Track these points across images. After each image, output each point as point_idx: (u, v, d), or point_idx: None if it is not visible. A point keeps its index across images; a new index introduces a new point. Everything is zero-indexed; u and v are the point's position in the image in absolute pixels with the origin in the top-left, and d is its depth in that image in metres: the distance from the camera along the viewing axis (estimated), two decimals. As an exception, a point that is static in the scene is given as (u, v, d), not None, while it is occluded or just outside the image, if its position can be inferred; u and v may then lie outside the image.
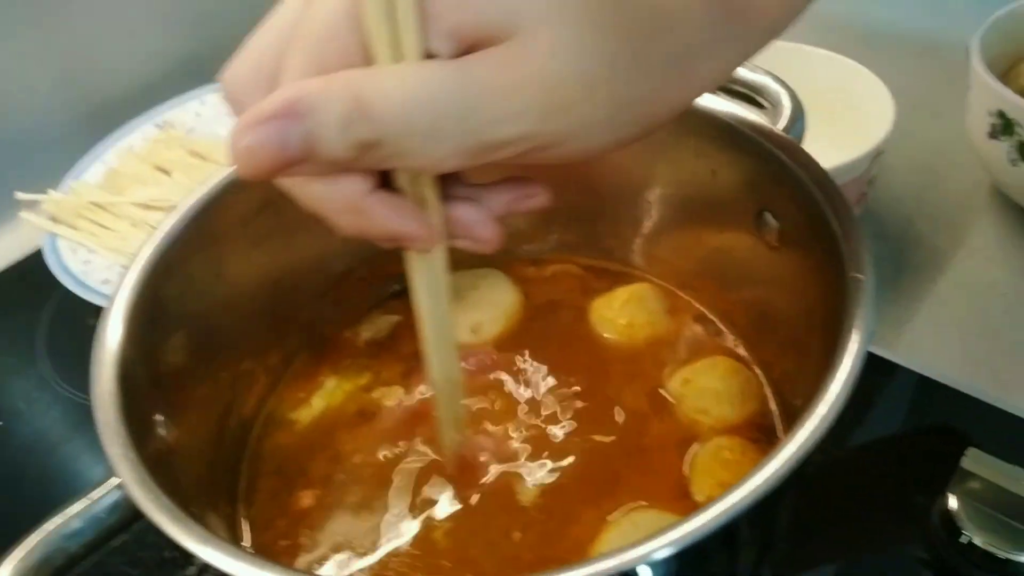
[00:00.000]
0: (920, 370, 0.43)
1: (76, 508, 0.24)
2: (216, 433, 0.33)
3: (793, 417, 0.24)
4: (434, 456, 0.34)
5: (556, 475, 0.32)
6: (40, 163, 0.59)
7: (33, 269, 0.55)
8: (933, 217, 0.54)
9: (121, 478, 0.23)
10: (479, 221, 0.24)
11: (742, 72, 0.36)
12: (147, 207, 0.55)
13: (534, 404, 0.35)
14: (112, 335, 0.27)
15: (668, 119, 0.23)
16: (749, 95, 0.36)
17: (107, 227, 0.54)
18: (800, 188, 0.30)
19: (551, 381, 0.36)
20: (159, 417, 0.27)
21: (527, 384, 0.36)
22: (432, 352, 0.27)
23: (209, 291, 0.34)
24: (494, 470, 0.33)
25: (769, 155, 0.32)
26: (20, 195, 0.55)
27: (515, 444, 0.34)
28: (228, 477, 0.33)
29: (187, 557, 0.22)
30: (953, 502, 0.36)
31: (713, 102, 0.34)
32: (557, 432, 0.34)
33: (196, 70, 0.68)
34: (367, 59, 0.20)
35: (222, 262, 0.34)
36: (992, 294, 0.49)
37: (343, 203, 0.22)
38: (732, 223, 0.35)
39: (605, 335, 0.38)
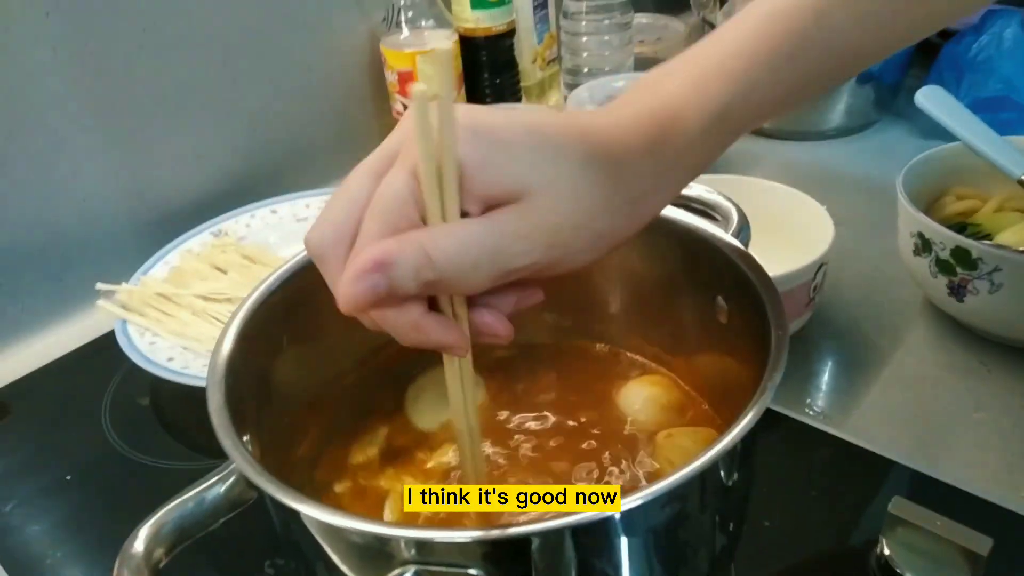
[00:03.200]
0: (864, 445, 0.52)
1: (198, 488, 0.32)
2: (281, 462, 0.40)
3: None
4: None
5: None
6: (115, 261, 0.70)
7: (104, 349, 0.64)
8: (875, 321, 0.64)
9: (235, 461, 0.31)
10: (496, 322, 0.33)
11: (701, 192, 0.46)
12: (206, 299, 0.64)
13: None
14: (220, 367, 0.36)
15: (630, 239, 0.34)
16: (705, 210, 0.46)
17: (170, 315, 0.63)
18: (742, 277, 0.40)
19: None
20: (247, 436, 0.36)
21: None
22: (458, 417, 0.36)
23: (280, 351, 0.42)
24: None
25: (719, 254, 0.41)
26: (100, 285, 0.65)
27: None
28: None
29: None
30: (886, 546, 0.43)
31: (678, 215, 0.44)
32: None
33: (248, 188, 0.79)
34: (422, 221, 0.30)
35: (289, 327, 0.43)
36: (924, 385, 0.58)
37: (408, 323, 0.31)
38: (692, 307, 0.44)
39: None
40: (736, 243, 0.42)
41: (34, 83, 0.64)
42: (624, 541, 0.32)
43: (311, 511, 0.29)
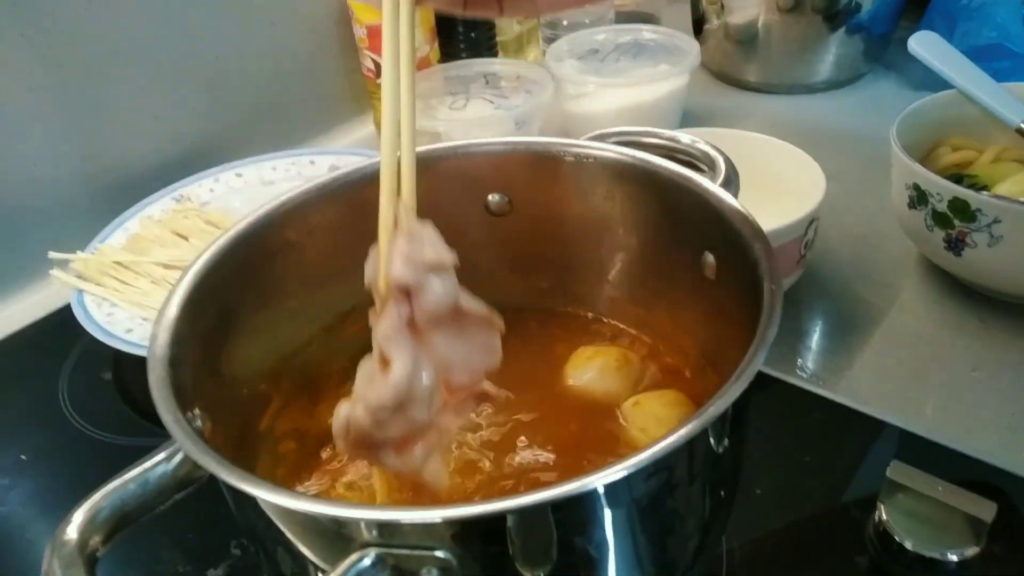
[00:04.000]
0: (858, 407, 0.49)
1: (140, 467, 0.29)
2: (239, 437, 0.38)
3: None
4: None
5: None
6: (69, 230, 0.66)
7: (60, 322, 0.61)
8: (868, 279, 0.61)
9: (177, 439, 0.28)
10: None
11: (686, 141, 0.43)
12: (167, 267, 0.61)
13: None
14: (162, 337, 0.33)
15: None
16: (691, 161, 0.43)
17: (129, 284, 0.60)
18: (731, 230, 0.37)
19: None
20: (197, 411, 0.33)
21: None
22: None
23: (235, 318, 0.39)
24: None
25: (707, 206, 0.38)
26: (52, 254, 0.61)
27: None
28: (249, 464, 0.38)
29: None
30: (884, 512, 0.41)
31: (662, 164, 0.41)
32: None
33: (211, 151, 0.75)
34: None
35: (246, 293, 0.40)
36: (920, 344, 0.55)
37: None
38: (678, 264, 0.41)
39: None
40: (724, 194, 0.39)
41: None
42: (608, 515, 0.29)
43: (256, 491, 0.26)
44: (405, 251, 0.31)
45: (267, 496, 0.26)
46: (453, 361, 0.34)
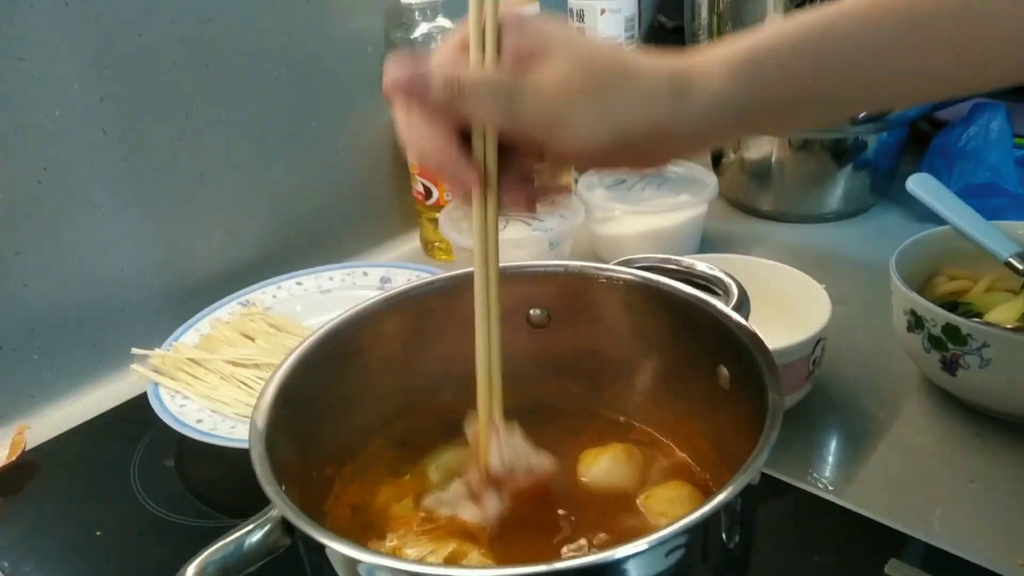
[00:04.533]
0: (863, 513, 0.54)
1: (239, 532, 0.35)
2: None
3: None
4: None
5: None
6: (146, 329, 0.73)
7: (135, 411, 0.68)
8: (873, 395, 0.66)
9: (276, 504, 0.34)
10: (521, 187, 0.41)
11: (703, 268, 0.50)
12: (235, 364, 0.68)
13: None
14: (260, 421, 0.39)
15: (635, 141, 0.38)
16: (707, 285, 0.49)
17: (200, 379, 0.67)
18: (743, 348, 0.43)
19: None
20: (284, 488, 0.38)
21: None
22: (479, 291, 0.43)
23: (311, 409, 0.46)
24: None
25: (720, 325, 0.45)
26: (135, 350, 0.68)
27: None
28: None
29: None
30: (884, 609, 0.45)
31: (681, 288, 0.48)
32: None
33: (274, 261, 0.84)
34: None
35: (322, 388, 0.46)
36: (921, 455, 0.60)
37: (436, 140, 0.38)
38: (697, 375, 0.47)
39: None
40: (736, 315, 0.45)
41: (84, 161, 0.69)
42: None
43: (344, 548, 0.31)
44: (501, 455, 0.43)
45: (359, 555, 0.31)
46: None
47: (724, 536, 0.37)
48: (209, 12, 0.74)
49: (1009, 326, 0.61)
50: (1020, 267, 0.65)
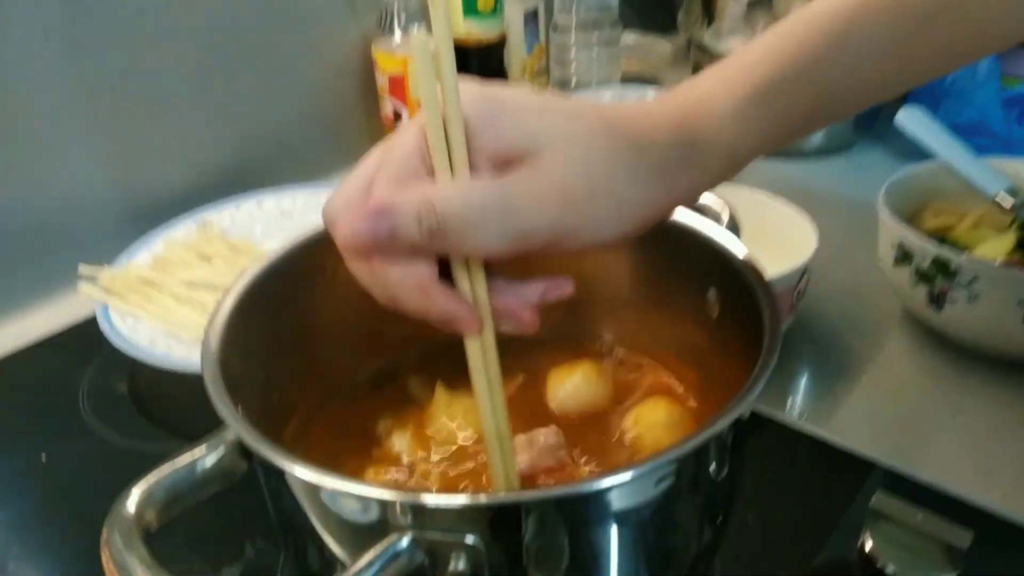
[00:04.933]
0: (845, 446, 0.52)
1: (190, 455, 0.32)
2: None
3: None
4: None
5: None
6: (96, 247, 0.69)
7: (83, 334, 0.64)
8: (855, 330, 0.65)
9: (230, 424, 0.31)
10: (520, 307, 0.33)
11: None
12: (190, 285, 0.64)
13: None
14: (214, 339, 0.36)
15: (658, 219, 0.33)
16: (697, 209, 0.47)
17: (153, 301, 0.63)
18: (736, 272, 0.40)
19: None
20: (240, 410, 0.35)
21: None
22: (485, 416, 0.34)
23: (272, 329, 0.42)
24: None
25: (714, 248, 0.42)
26: (83, 267, 0.64)
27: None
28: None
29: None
30: (868, 540, 0.44)
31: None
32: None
33: (233, 181, 0.79)
34: (431, 179, 0.30)
35: (285, 307, 0.43)
36: (903, 391, 0.59)
37: (414, 285, 0.30)
38: (684, 302, 0.45)
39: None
40: (728, 235, 0.42)
41: (23, 65, 0.64)
42: (615, 518, 0.32)
43: (303, 472, 0.29)
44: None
45: (312, 477, 0.28)
46: None
47: (713, 467, 0.35)
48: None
49: (998, 261, 0.60)
50: (1009, 203, 0.64)
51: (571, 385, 0.47)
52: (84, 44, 0.67)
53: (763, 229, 0.61)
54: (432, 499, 0.28)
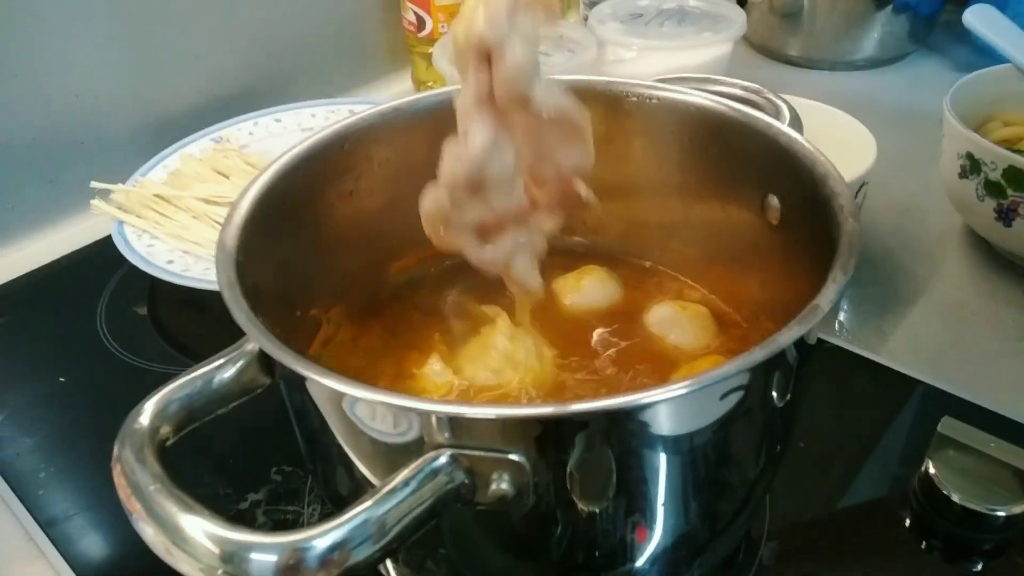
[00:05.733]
0: (903, 370, 0.49)
1: (207, 367, 0.29)
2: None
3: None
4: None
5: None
6: (111, 164, 0.66)
7: (100, 253, 0.61)
8: (912, 250, 0.61)
9: (249, 333, 0.28)
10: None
11: (750, 87, 0.43)
12: (207, 202, 0.61)
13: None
14: (230, 242, 0.33)
15: None
16: (754, 104, 0.42)
17: (169, 217, 0.60)
18: (802, 168, 0.36)
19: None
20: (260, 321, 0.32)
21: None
22: None
23: (292, 238, 0.39)
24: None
25: (775, 145, 0.38)
26: (95, 184, 0.61)
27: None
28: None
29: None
30: (932, 467, 0.41)
31: (728, 104, 0.40)
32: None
33: (251, 96, 0.75)
34: None
35: (305, 214, 0.40)
36: (964, 314, 0.55)
37: None
38: (739, 208, 0.41)
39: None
40: (794, 133, 0.38)
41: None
42: (669, 438, 0.29)
43: (332, 382, 0.26)
44: (490, 6, 0.30)
45: (341, 386, 0.26)
46: (539, 152, 0.33)
47: (777, 388, 0.31)
48: None
49: (1076, 172, 0.55)
50: (1088, 110, 0.58)
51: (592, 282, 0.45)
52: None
53: (819, 139, 0.56)
54: (473, 411, 0.25)
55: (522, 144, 0.33)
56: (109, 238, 0.58)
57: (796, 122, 0.41)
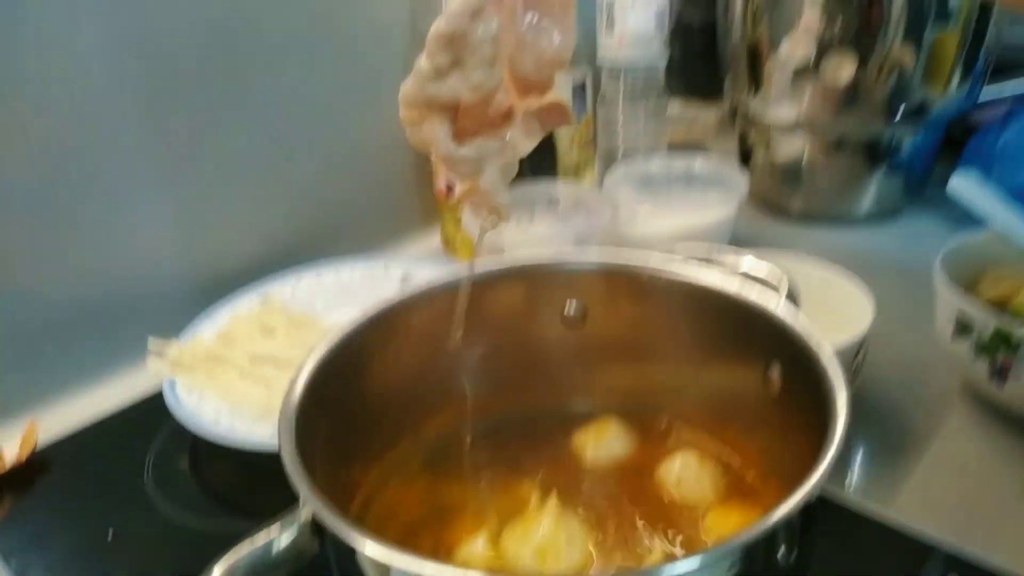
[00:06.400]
0: (908, 529, 0.51)
1: (267, 534, 0.33)
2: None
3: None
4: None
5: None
6: (165, 320, 0.71)
7: (150, 407, 0.65)
8: (915, 404, 0.63)
9: (311, 506, 0.32)
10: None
11: (749, 262, 0.48)
12: (254, 360, 0.66)
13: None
14: (290, 416, 0.37)
15: None
16: (755, 280, 0.47)
17: (219, 375, 0.65)
18: (800, 347, 0.41)
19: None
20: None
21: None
22: None
23: (338, 406, 0.43)
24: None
25: (773, 321, 0.43)
26: (153, 341, 0.66)
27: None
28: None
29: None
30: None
31: (729, 282, 0.45)
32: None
33: (293, 253, 0.82)
34: None
35: (348, 385, 0.44)
36: (967, 471, 0.57)
37: None
38: (745, 377, 0.45)
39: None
40: (791, 309, 0.43)
41: (105, 147, 0.67)
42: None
43: (396, 559, 0.29)
44: None
45: (416, 565, 0.29)
46: (520, 37, 0.34)
47: (781, 553, 0.34)
48: (234, -2, 0.72)
49: (1062, 333, 0.59)
50: (1071, 272, 0.63)
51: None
52: (163, 122, 0.70)
53: (818, 299, 0.60)
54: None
55: (505, 24, 0.34)
56: (160, 392, 0.63)
57: (794, 296, 0.45)
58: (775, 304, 0.43)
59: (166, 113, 0.70)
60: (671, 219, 0.83)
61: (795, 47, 0.83)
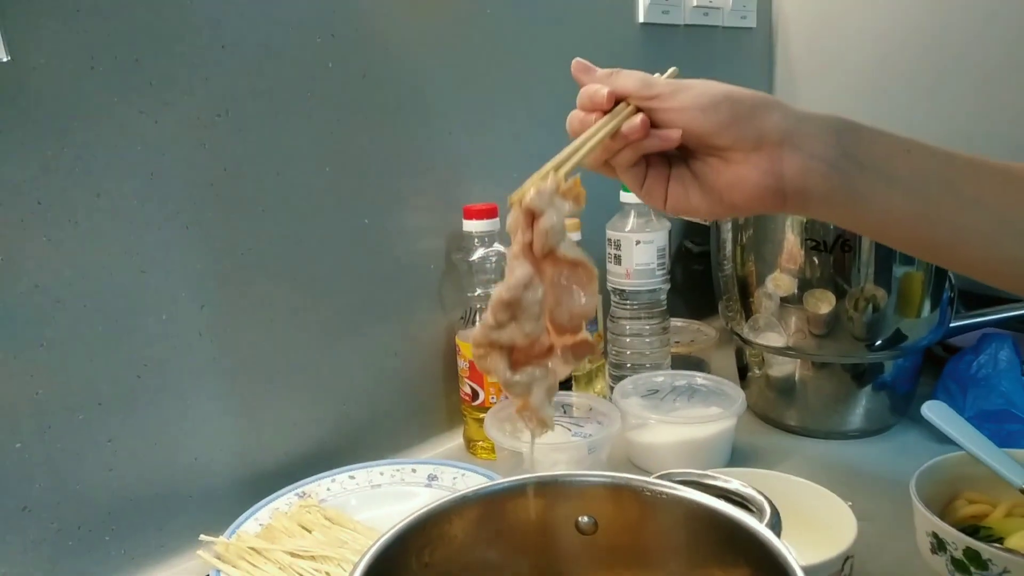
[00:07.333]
0: None
1: None
2: None
3: None
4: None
5: None
6: (211, 514, 0.78)
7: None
8: (903, 616, 0.68)
9: None
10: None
11: (738, 487, 0.56)
12: (293, 555, 0.72)
13: None
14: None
15: (752, 138, 0.52)
16: (742, 503, 0.54)
17: (260, 568, 0.71)
18: (776, 565, 0.47)
19: None
20: None
21: None
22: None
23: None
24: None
25: (756, 542, 0.50)
26: (203, 537, 0.73)
27: None
28: None
29: None
30: None
31: (717, 504, 0.53)
32: None
33: (329, 454, 0.90)
34: None
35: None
36: None
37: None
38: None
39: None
40: (771, 534, 0.50)
41: (180, 359, 0.78)
42: None
43: None
44: (540, 187, 0.48)
45: None
46: (558, 299, 0.48)
47: None
48: (299, 235, 0.85)
49: (1028, 553, 0.65)
50: (1035, 495, 0.70)
51: None
52: (229, 338, 0.81)
53: (804, 515, 0.68)
54: None
55: (547, 291, 0.49)
56: (204, 584, 0.69)
57: (775, 521, 0.52)
58: (760, 530, 0.50)
59: (233, 328, 0.81)
60: (676, 430, 0.91)
61: (778, 284, 0.95)
